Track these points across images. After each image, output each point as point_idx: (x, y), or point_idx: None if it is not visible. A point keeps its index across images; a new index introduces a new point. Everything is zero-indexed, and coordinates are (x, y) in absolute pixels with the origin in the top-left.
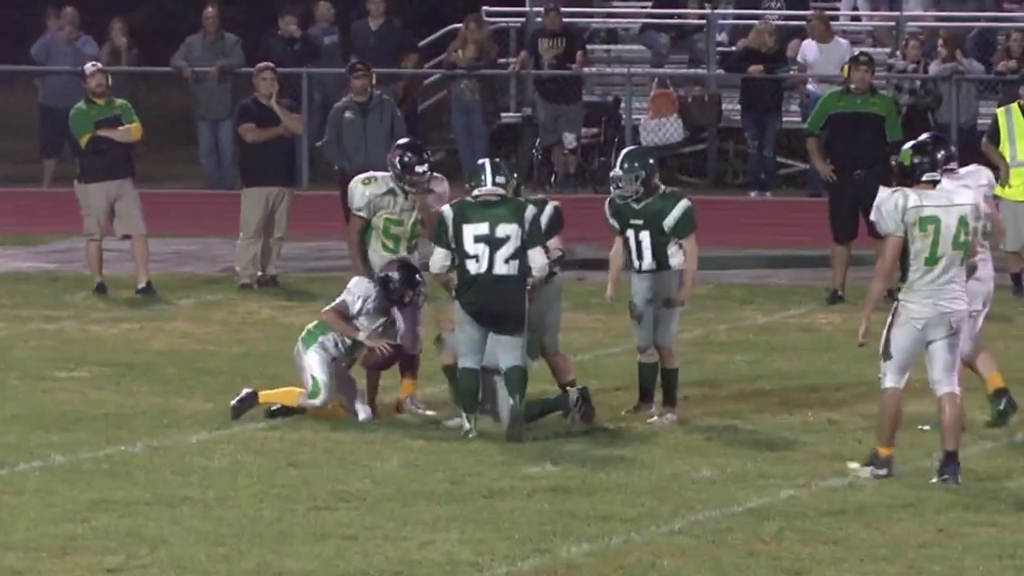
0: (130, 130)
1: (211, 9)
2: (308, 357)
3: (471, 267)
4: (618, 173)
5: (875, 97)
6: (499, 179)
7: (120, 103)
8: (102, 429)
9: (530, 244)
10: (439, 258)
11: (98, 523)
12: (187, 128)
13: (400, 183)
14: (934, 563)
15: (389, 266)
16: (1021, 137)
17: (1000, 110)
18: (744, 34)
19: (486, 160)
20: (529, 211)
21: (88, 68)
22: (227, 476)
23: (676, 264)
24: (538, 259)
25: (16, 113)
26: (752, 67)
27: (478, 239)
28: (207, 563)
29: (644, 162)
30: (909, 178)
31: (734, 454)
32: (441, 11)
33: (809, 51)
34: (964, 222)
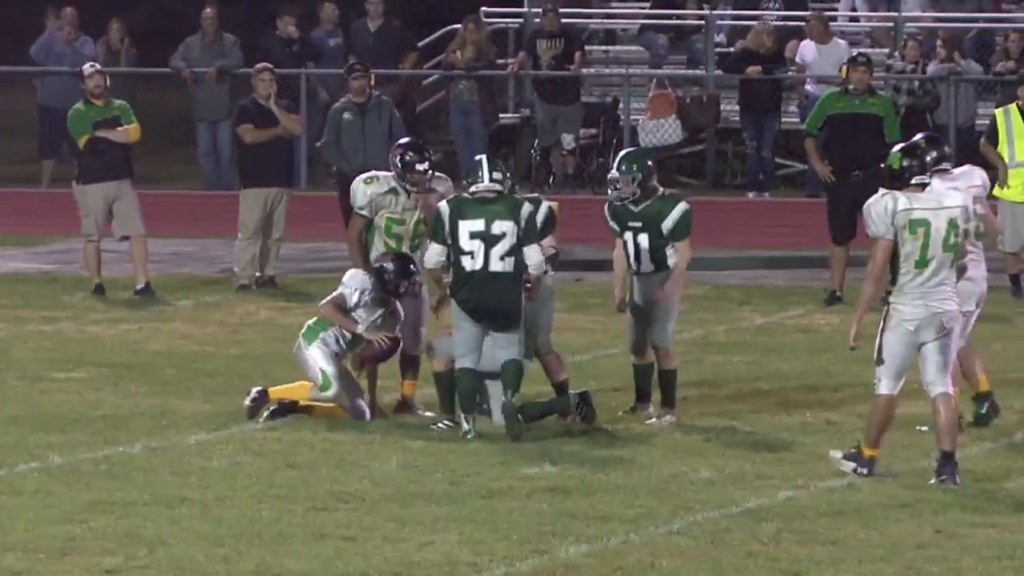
0: (128, 131)
1: (210, 10)
2: (311, 352)
3: (466, 264)
4: (615, 175)
5: (873, 98)
6: (496, 176)
7: (119, 104)
8: (100, 430)
9: (526, 241)
10: (434, 253)
11: (96, 524)
12: (186, 129)
13: (402, 182)
14: (932, 564)
15: (383, 257)
16: (1020, 138)
17: (998, 111)
18: (742, 35)
19: (483, 157)
20: (525, 208)
21: (86, 69)
22: (226, 477)
23: (675, 266)
24: (534, 256)
25: (15, 113)
26: (750, 68)
27: (474, 235)
28: (206, 564)
29: (641, 164)
30: (898, 181)
31: (732, 455)
32: (439, 12)
33: (807, 52)
34: (954, 224)
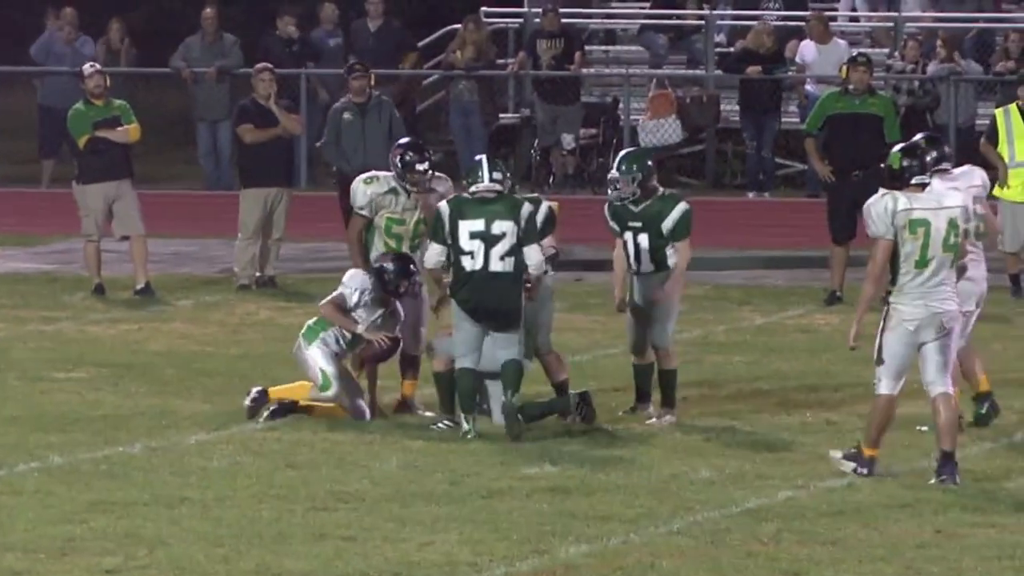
0: (128, 131)
1: (210, 10)
2: (311, 352)
3: (466, 264)
4: (615, 175)
5: (873, 98)
6: (496, 175)
7: (118, 104)
8: (100, 430)
9: (526, 241)
10: (434, 253)
11: (96, 524)
12: (186, 129)
13: (402, 182)
14: (932, 564)
15: (383, 257)
16: (1020, 138)
17: (998, 111)
18: (742, 35)
19: (483, 157)
20: (525, 208)
21: (86, 69)
22: (226, 477)
23: (674, 266)
24: (534, 256)
25: (15, 113)
26: (750, 68)
27: (474, 235)
28: (206, 564)
29: (641, 164)
30: (898, 181)
31: (732, 455)
32: (439, 12)
33: (807, 52)
34: (954, 224)
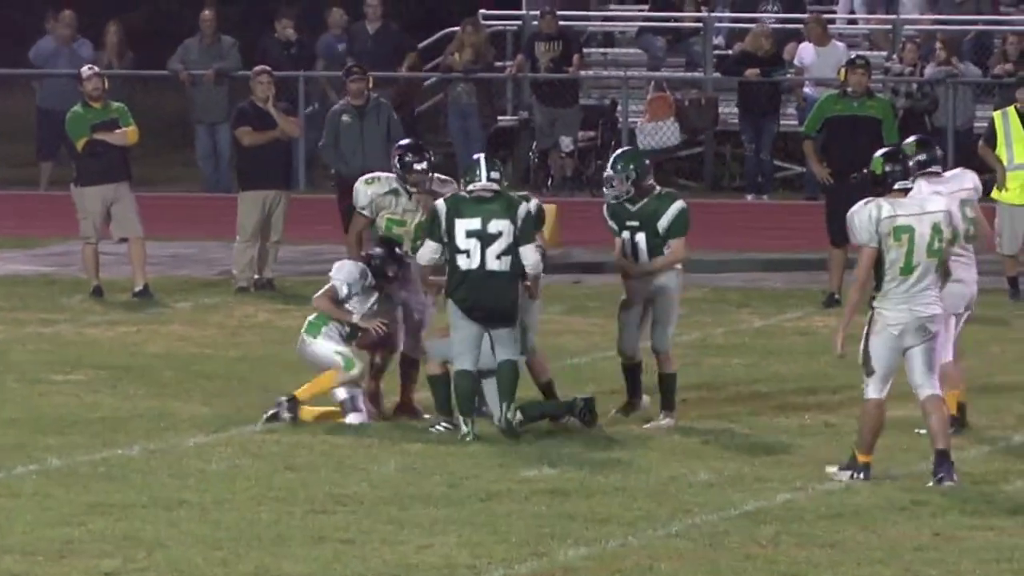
0: (127, 133)
1: (208, 12)
2: (319, 343)
3: (462, 262)
4: (610, 173)
5: (872, 100)
6: (494, 175)
7: (117, 106)
8: (99, 432)
9: (523, 241)
10: (428, 251)
11: (95, 526)
12: (184, 131)
13: (403, 183)
14: (931, 567)
15: (369, 245)
16: (1018, 140)
17: (997, 113)
18: (741, 37)
19: (481, 155)
20: (522, 208)
21: (84, 71)
22: (224, 479)
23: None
24: (531, 256)
25: (13, 116)
26: (749, 70)
27: (470, 234)
28: (204, 566)
29: (637, 163)
30: (881, 186)
31: (731, 457)
32: (438, 14)
33: (806, 54)
34: (938, 229)
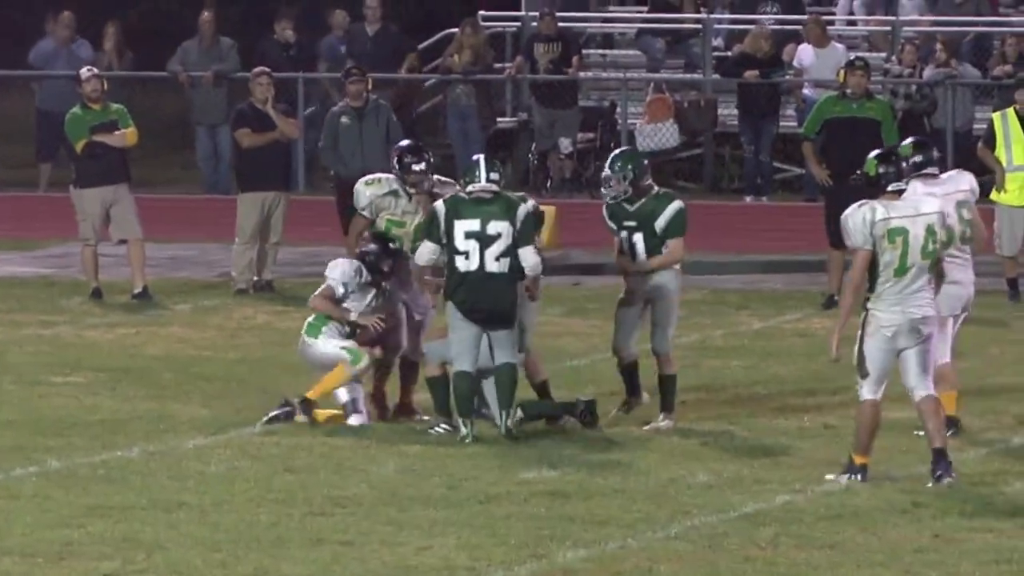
0: (126, 135)
1: (207, 13)
2: (321, 341)
3: (460, 264)
4: (607, 173)
5: (871, 102)
6: (493, 176)
7: (116, 108)
8: (98, 434)
9: (522, 242)
10: (426, 251)
11: (94, 528)
12: (183, 133)
13: (403, 184)
14: (930, 568)
15: (363, 242)
16: (1017, 142)
17: (996, 115)
18: (740, 39)
19: (480, 156)
20: (521, 209)
21: (83, 73)
22: (224, 481)
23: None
24: (530, 258)
25: (12, 117)
26: (748, 72)
27: (469, 235)
28: (203, 568)
29: (634, 163)
30: (874, 188)
31: (730, 459)
32: (437, 16)
33: (805, 56)
34: (932, 231)
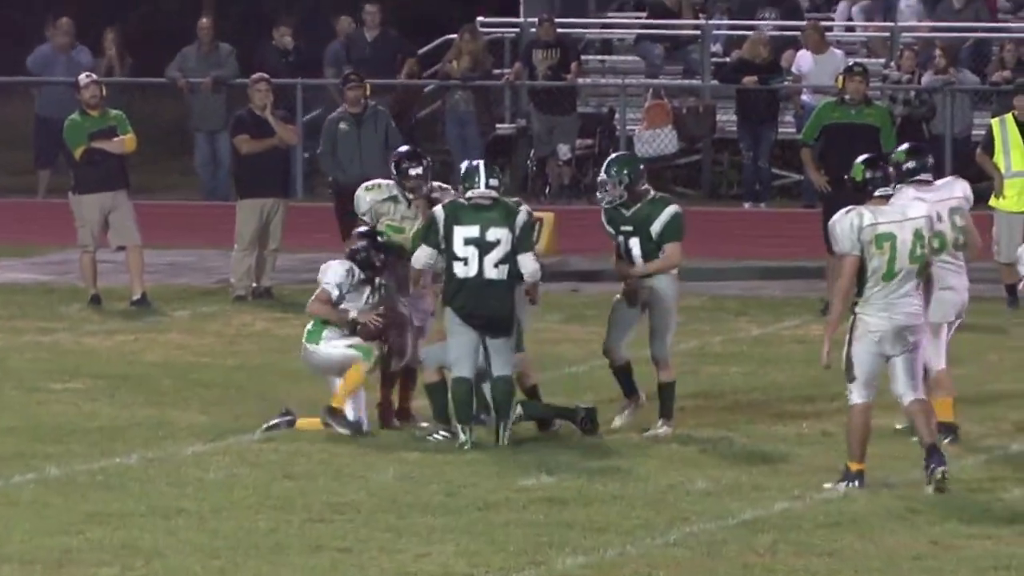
0: (124, 141)
1: (206, 20)
2: (323, 346)
3: (459, 270)
4: (603, 178)
5: (870, 108)
6: (492, 182)
7: (114, 114)
8: (97, 441)
9: (520, 249)
10: (423, 255)
11: (93, 535)
12: (182, 139)
13: (402, 190)
14: (928, 575)
15: (351, 240)
16: (1015, 148)
17: (994, 121)
18: (738, 45)
19: (480, 162)
20: (520, 216)
21: (82, 79)
22: (222, 488)
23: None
24: (529, 265)
25: (11, 124)
26: (746, 78)
27: (468, 242)
28: (202, 575)
29: (630, 167)
30: (861, 193)
31: (729, 466)
32: (436, 22)
33: (804, 62)
34: (919, 235)
